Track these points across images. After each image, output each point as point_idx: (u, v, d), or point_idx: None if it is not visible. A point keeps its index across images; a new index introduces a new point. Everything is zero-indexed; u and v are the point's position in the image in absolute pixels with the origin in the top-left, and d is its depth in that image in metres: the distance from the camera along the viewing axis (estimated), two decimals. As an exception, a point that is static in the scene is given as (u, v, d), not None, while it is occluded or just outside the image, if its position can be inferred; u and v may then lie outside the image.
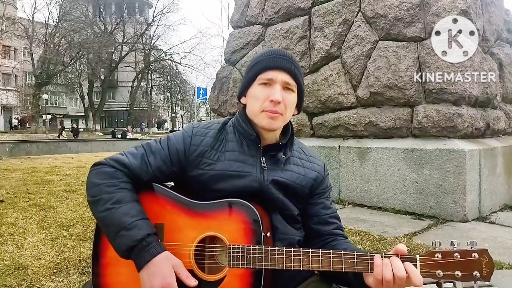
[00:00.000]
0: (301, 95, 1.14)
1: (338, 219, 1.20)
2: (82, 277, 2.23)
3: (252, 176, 1.07)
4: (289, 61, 1.08)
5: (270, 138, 1.12)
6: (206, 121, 1.21)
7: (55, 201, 4.42)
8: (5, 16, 32.63)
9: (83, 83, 42.80)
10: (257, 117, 1.08)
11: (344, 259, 0.92)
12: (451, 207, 3.41)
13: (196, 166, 1.09)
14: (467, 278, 0.89)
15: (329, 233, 1.16)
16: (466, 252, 0.90)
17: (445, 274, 0.89)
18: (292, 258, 0.94)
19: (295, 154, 1.17)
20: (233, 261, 0.95)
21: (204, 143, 1.10)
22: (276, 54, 1.10)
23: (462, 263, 0.89)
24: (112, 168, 1.05)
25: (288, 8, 4.86)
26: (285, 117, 1.09)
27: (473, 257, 0.89)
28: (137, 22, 46.07)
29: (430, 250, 0.92)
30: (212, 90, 6.25)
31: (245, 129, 1.11)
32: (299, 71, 1.11)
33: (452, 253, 0.90)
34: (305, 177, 1.14)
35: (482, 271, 0.88)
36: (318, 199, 1.18)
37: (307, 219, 1.17)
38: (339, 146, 4.32)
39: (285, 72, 1.07)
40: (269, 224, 1.05)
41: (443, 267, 0.89)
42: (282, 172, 1.11)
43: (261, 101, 1.06)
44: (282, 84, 1.07)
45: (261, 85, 1.08)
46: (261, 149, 1.11)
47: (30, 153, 14.80)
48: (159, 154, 1.09)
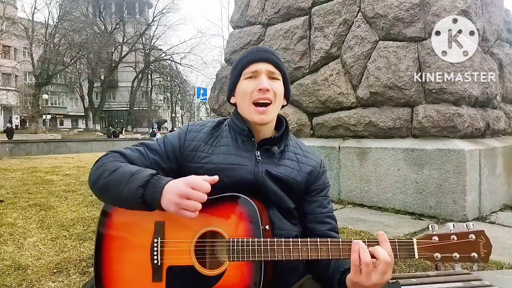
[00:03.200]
0: (286, 84, 1.18)
1: (334, 220, 1.20)
2: (82, 277, 2.23)
3: (247, 168, 1.10)
4: (269, 53, 1.14)
5: (264, 132, 1.15)
6: (201, 121, 1.25)
7: (55, 201, 4.42)
8: (5, 16, 32.63)
9: (83, 83, 42.79)
10: (248, 112, 1.12)
11: (342, 247, 0.94)
12: (451, 207, 3.41)
13: (191, 161, 1.12)
14: (465, 260, 0.89)
15: (323, 234, 1.15)
16: (463, 233, 0.90)
17: (443, 256, 0.90)
18: (291, 249, 0.95)
19: (290, 150, 1.19)
20: (233, 255, 0.96)
21: (198, 138, 1.15)
22: (256, 49, 1.17)
23: (460, 245, 0.89)
24: (112, 154, 1.11)
25: (288, 8, 4.86)
26: (275, 106, 1.12)
27: (470, 239, 0.89)
28: (137, 22, 46.08)
29: (427, 234, 0.92)
30: (212, 90, 6.24)
31: (238, 126, 1.14)
32: (280, 61, 1.16)
33: (449, 235, 0.90)
34: (300, 172, 1.15)
35: (479, 252, 0.89)
36: (314, 196, 1.18)
37: (302, 217, 1.18)
38: (339, 146, 4.32)
39: (267, 62, 1.12)
40: (268, 218, 1.07)
41: (440, 249, 0.90)
42: (277, 166, 1.13)
43: (250, 93, 1.10)
44: (267, 74, 1.11)
45: (247, 79, 1.12)
46: (255, 144, 1.13)
47: (30, 153, 14.81)
48: (156, 150, 1.14)
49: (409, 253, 0.92)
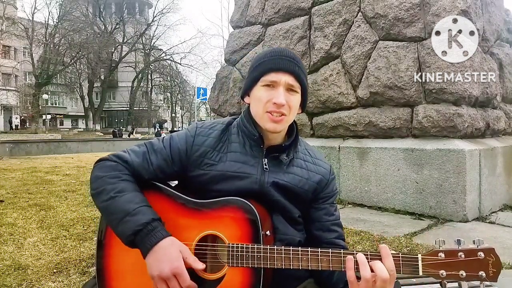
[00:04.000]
0: (304, 94, 1.11)
1: (341, 227, 1.18)
2: (82, 277, 2.23)
3: (252, 178, 1.07)
4: (292, 62, 1.06)
5: (274, 138, 1.11)
6: (210, 121, 1.19)
7: (55, 201, 4.42)
8: (5, 16, 32.62)
9: (83, 83, 42.79)
10: (261, 119, 1.07)
11: (343, 259, 0.92)
12: (451, 207, 3.41)
13: (197, 166, 1.09)
14: (472, 278, 0.85)
15: (330, 242, 1.13)
16: (471, 251, 0.86)
17: (449, 274, 0.85)
18: (291, 257, 0.94)
19: (300, 156, 1.15)
20: (232, 260, 0.95)
21: (206, 144, 1.10)
22: (279, 55, 1.07)
23: (467, 263, 0.85)
24: (114, 162, 1.06)
25: (288, 8, 4.86)
26: (289, 118, 1.08)
27: (479, 257, 0.85)
28: (137, 22, 46.03)
29: (433, 249, 0.88)
30: (212, 90, 6.24)
31: (248, 129, 1.10)
32: (303, 72, 1.09)
33: (456, 252, 0.86)
34: (308, 180, 1.12)
35: (488, 271, 0.85)
36: (322, 204, 1.16)
37: (309, 223, 1.16)
38: (339, 146, 4.32)
39: (288, 73, 1.05)
40: (270, 223, 1.05)
41: (446, 266, 0.85)
42: (284, 174, 1.10)
43: (264, 103, 1.05)
44: (286, 86, 1.05)
45: (264, 86, 1.06)
46: (263, 150, 1.10)
47: (30, 153, 14.79)
48: (161, 153, 1.09)
49: (413, 269, 0.89)
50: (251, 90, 1.10)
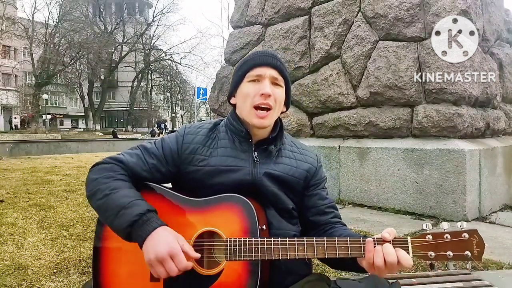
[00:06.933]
0: (288, 91, 1.18)
1: (335, 209, 1.23)
2: (82, 277, 2.23)
3: (245, 170, 1.10)
4: (274, 58, 1.15)
5: (261, 134, 1.16)
6: (198, 123, 1.25)
7: (55, 201, 4.42)
8: (5, 16, 32.60)
9: (83, 83, 42.77)
10: (248, 115, 1.11)
11: (338, 246, 0.95)
12: (451, 207, 3.41)
13: (189, 163, 1.12)
14: (458, 258, 0.91)
15: (327, 222, 1.18)
16: (457, 232, 0.92)
17: (437, 254, 0.92)
18: (288, 248, 0.96)
19: (287, 148, 1.20)
20: (230, 254, 0.97)
21: (195, 141, 1.14)
22: (262, 53, 1.17)
23: (453, 244, 0.91)
24: (109, 164, 1.10)
25: (288, 8, 4.86)
26: (275, 111, 1.13)
27: (464, 237, 0.91)
28: (137, 22, 46.06)
29: (421, 232, 0.94)
30: (212, 90, 6.24)
31: (235, 127, 1.15)
32: (285, 68, 1.17)
33: (443, 234, 0.92)
34: (298, 168, 1.17)
35: (473, 251, 0.91)
36: (313, 190, 1.20)
37: (305, 211, 1.19)
38: (339, 146, 4.32)
39: (272, 68, 1.12)
40: (265, 218, 1.08)
41: (434, 248, 0.92)
42: (275, 165, 1.14)
43: (252, 97, 1.11)
44: (271, 79, 1.12)
45: (250, 82, 1.12)
46: (252, 145, 1.14)
47: (30, 153, 14.77)
48: (155, 153, 1.13)
49: None
50: (238, 89, 1.16)
